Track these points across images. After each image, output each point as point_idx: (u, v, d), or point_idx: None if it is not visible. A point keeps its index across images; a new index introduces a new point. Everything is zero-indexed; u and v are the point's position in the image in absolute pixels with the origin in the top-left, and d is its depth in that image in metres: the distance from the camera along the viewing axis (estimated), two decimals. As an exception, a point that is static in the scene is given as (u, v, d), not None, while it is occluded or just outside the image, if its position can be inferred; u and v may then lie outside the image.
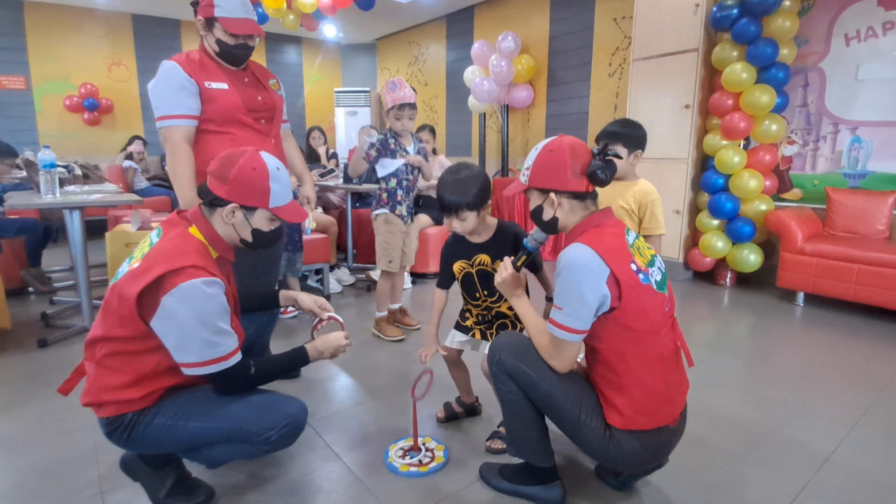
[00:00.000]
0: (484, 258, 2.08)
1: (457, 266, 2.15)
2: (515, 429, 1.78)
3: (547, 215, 1.66)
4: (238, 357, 1.62)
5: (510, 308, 2.11)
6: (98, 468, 2.01)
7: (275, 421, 1.66)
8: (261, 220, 1.71)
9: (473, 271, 2.12)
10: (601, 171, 1.58)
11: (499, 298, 2.11)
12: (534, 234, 1.77)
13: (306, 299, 2.09)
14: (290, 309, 3.78)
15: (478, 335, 2.21)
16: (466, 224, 2.01)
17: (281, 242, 2.79)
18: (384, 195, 3.32)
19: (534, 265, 2.01)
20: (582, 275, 1.49)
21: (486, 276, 2.08)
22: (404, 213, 3.35)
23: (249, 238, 1.72)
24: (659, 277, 1.61)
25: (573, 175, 1.58)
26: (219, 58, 2.35)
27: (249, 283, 2.26)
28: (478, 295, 2.14)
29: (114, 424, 1.61)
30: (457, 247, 2.15)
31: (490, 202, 2.06)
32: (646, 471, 1.85)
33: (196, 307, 1.49)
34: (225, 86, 2.33)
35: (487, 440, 2.17)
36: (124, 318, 1.52)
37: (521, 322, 1.90)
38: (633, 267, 1.53)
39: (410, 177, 3.34)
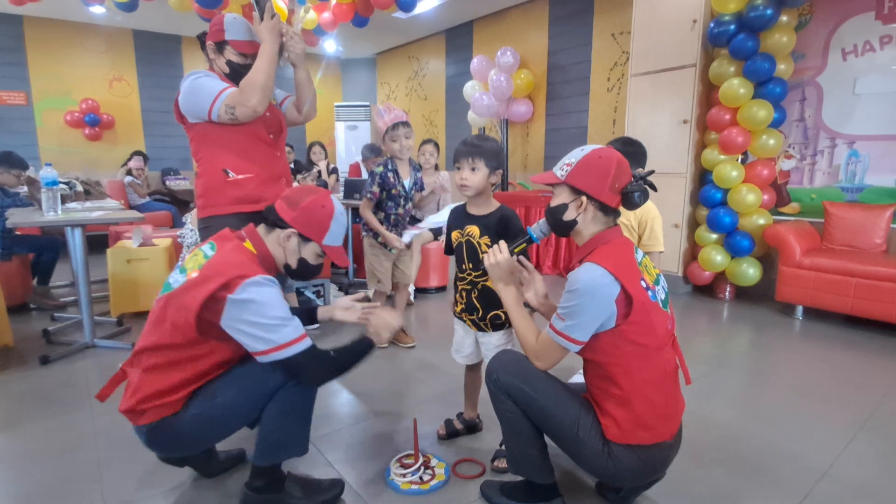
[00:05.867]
0: (473, 230, 2.09)
1: (454, 234, 2.18)
2: (515, 446, 1.79)
3: (569, 216, 1.65)
4: (310, 340, 1.69)
5: None
6: (101, 486, 2.01)
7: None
8: (310, 252, 1.84)
9: (463, 241, 2.13)
10: (638, 196, 1.60)
11: (483, 273, 2.07)
12: (541, 226, 1.77)
13: (342, 313, 2.10)
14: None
15: (469, 323, 2.19)
16: (476, 176, 2.01)
17: None
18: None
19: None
20: (595, 295, 1.51)
21: (471, 249, 2.10)
22: None
23: (294, 265, 1.85)
24: (663, 296, 1.64)
25: (611, 188, 1.59)
26: (229, 79, 2.42)
27: None
28: (464, 266, 2.14)
29: (156, 430, 1.67)
30: (456, 215, 2.19)
31: (500, 173, 2.08)
32: (645, 485, 1.86)
33: (264, 296, 1.60)
34: None
35: (493, 460, 2.16)
36: (178, 326, 1.60)
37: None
38: (643, 284, 1.55)
39: (400, 210, 3.29)
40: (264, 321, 1.59)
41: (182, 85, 2.31)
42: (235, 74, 2.41)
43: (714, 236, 4.64)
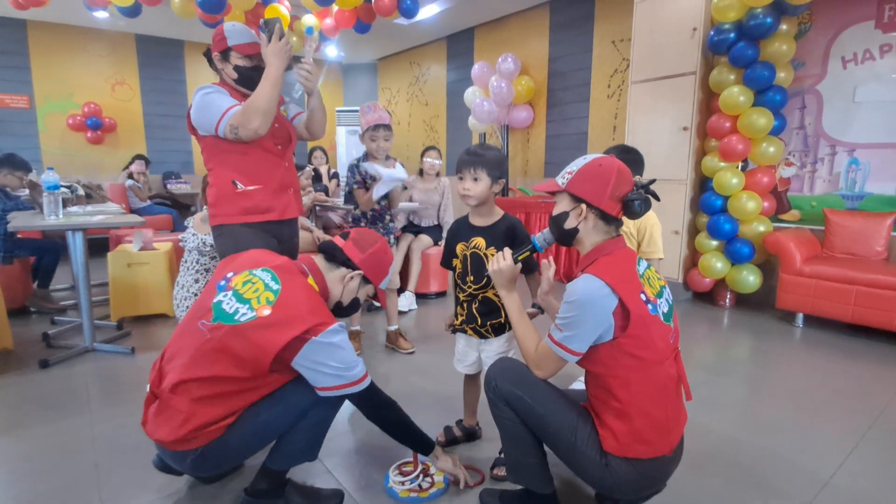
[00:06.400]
0: (479, 241, 2.10)
1: (459, 247, 2.17)
2: (514, 455, 1.78)
3: (570, 224, 1.65)
4: (370, 377, 1.80)
5: (496, 294, 2.07)
6: (99, 491, 2.01)
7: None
8: (363, 293, 2.00)
9: (468, 254, 2.13)
10: (639, 204, 1.59)
11: (484, 286, 2.09)
12: (545, 235, 1.77)
13: (446, 464, 2.04)
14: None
15: (470, 332, 2.20)
16: (478, 186, 2.02)
17: None
18: (349, 220, 3.46)
19: (528, 266, 2.00)
20: (592, 307, 1.50)
21: (477, 261, 2.10)
22: None
23: (345, 302, 1.95)
24: (666, 309, 1.62)
25: (611, 196, 1.59)
26: (238, 85, 2.44)
27: None
28: (467, 279, 2.14)
29: (204, 455, 1.67)
30: (460, 229, 2.19)
31: (503, 182, 2.09)
32: (643, 497, 1.85)
33: (344, 342, 1.70)
34: None
35: (492, 468, 2.16)
36: (246, 361, 1.62)
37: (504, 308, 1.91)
38: (643, 297, 1.54)
39: (376, 206, 3.38)
40: (341, 364, 1.68)
41: (194, 99, 2.33)
42: (244, 79, 2.42)
43: (714, 243, 4.64)
